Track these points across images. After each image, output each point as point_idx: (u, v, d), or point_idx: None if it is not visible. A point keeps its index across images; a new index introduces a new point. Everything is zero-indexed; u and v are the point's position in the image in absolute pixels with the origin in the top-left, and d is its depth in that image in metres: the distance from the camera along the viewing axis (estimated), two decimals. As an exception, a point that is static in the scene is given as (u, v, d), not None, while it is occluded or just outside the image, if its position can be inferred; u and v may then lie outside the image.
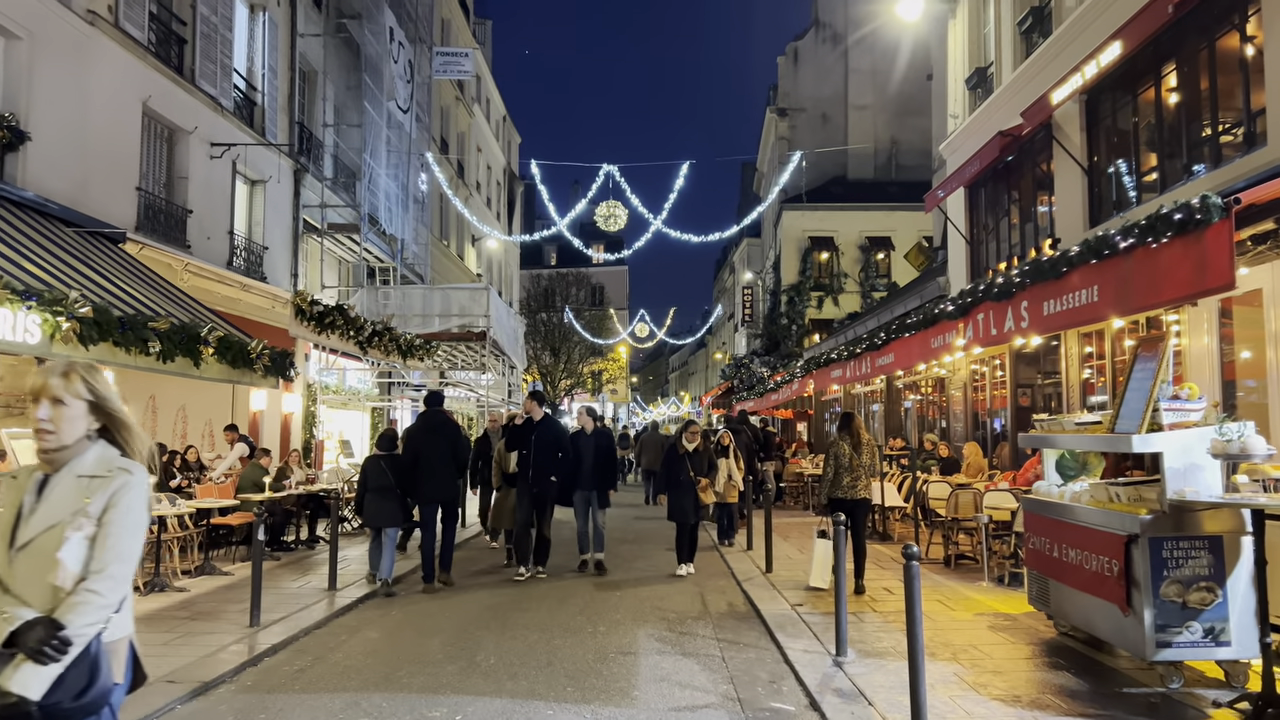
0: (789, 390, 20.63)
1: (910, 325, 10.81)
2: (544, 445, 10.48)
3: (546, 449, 10.48)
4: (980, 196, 15.74)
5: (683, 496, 10.81)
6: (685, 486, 10.77)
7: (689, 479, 10.79)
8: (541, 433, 10.55)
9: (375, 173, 20.57)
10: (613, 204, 19.97)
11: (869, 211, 41.05)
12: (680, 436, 11.20)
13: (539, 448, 10.46)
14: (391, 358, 15.84)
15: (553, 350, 55.24)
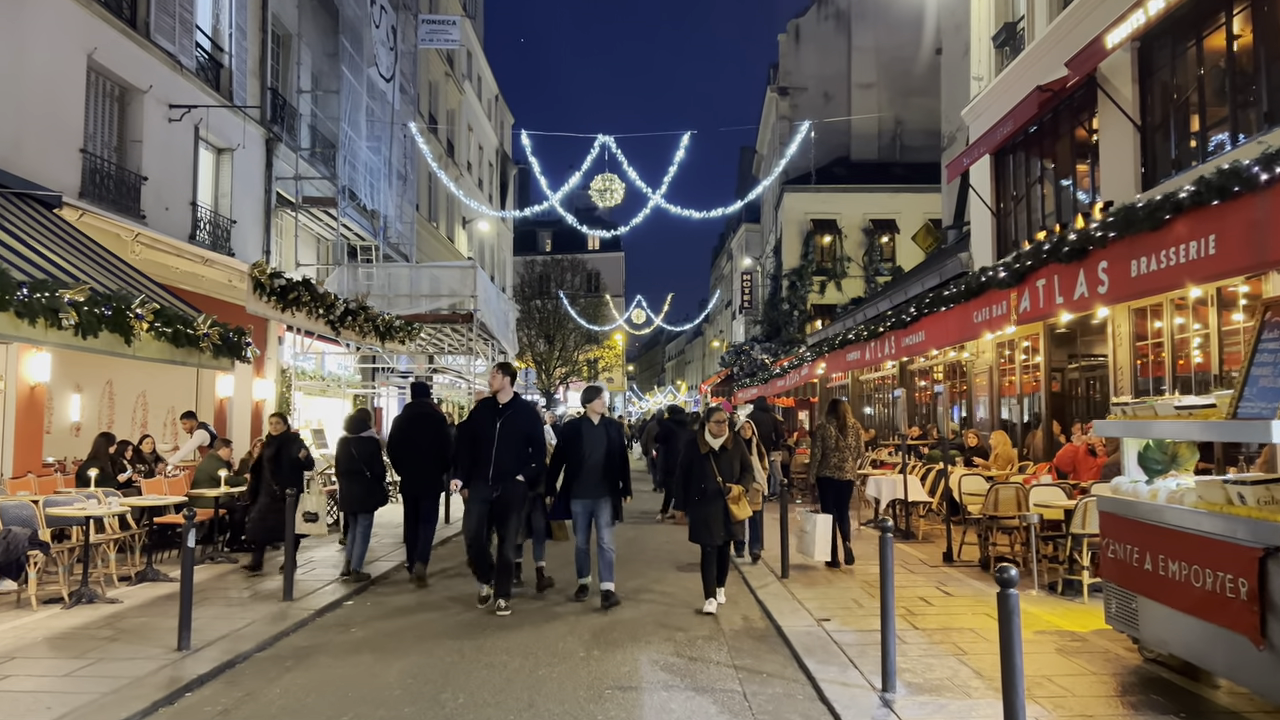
0: (796, 375, 19.43)
1: (948, 298, 9.58)
2: (511, 435, 7.97)
3: (514, 440, 7.98)
4: (1008, 164, 14.48)
5: (708, 510, 7.84)
6: (711, 496, 7.84)
7: (716, 486, 7.83)
8: (511, 418, 8.02)
9: (354, 144, 19.26)
10: (608, 177, 18.70)
11: (873, 193, 39.80)
12: (702, 430, 8.15)
13: (505, 437, 7.93)
14: (368, 340, 14.57)
15: (547, 338, 53.96)
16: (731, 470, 7.93)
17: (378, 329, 14.49)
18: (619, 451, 8.48)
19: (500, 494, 7.93)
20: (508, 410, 8.10)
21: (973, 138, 15.17)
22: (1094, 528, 8.01)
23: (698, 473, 7.91)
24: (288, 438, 10.13)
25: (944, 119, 31.14)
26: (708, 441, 7.94)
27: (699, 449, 7.97)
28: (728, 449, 7.95)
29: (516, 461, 7.99)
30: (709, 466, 7.87)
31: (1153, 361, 10.02)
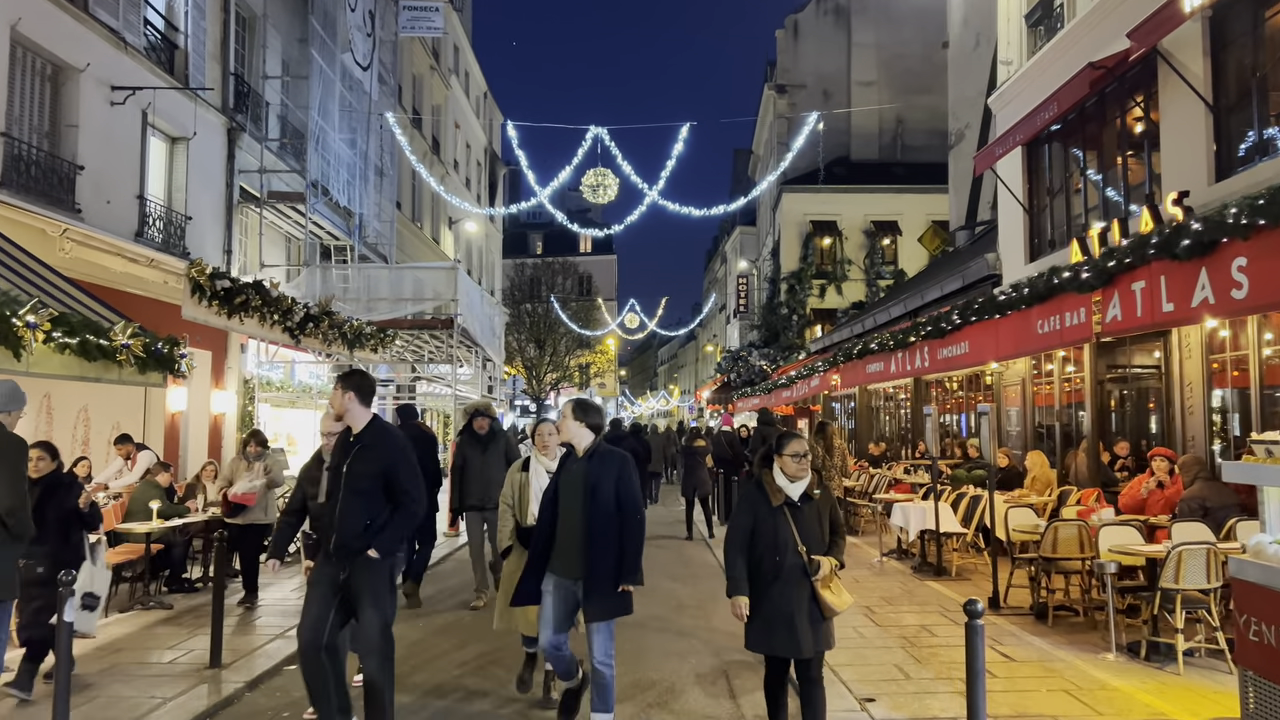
0: (805, 386, 18.09)
1: (1003, 303, 8.21)
2: (361, 483, 5.12)
3: (363, 492, 5.13)
4: (1043, 155, 13.14)
5: (784, 600, 4.71)
6: (788, 577, 4.71)
7: (797, 561, 4.72)
8: (363, 457, 5.16)
9: (327, 135, 17.82)
10: (601, 172, 17.31)
11: (874, 194, 38.52)
12: (766, 466, 5.00)
13: (352, 488, 5.12)
14: (335, 348, 13.14)
15: (538, 342, 52.53)
16: (818, 533, 4.80)
17: (345, 336, 13.05)
18: (627, 505, 5.26)
19: (350, 576, 5.06)
20: (359, 445, 5.14)
21: (1000, 127, 13.83)
22: (1191, 582, 6.64)
23: (766, 539, 4.71)
24: (56, 481, 6.69)
25: (951, 115, 29.87)
26: (780, 487, 4.79)
27: (765, 498, 4.78)
28: (813, 498, 4.82)
29: (366, 525, 5.07)
30: (785, 528, 4.70)
31: (1232, 377, 8.66)
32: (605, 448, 5.43)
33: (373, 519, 5.10)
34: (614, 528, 5.20)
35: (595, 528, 5.20)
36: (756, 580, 4.76)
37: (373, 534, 5.07)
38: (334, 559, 5.12)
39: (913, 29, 40.89)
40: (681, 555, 13.39)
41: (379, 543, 5.07)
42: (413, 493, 5.18)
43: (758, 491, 4.91)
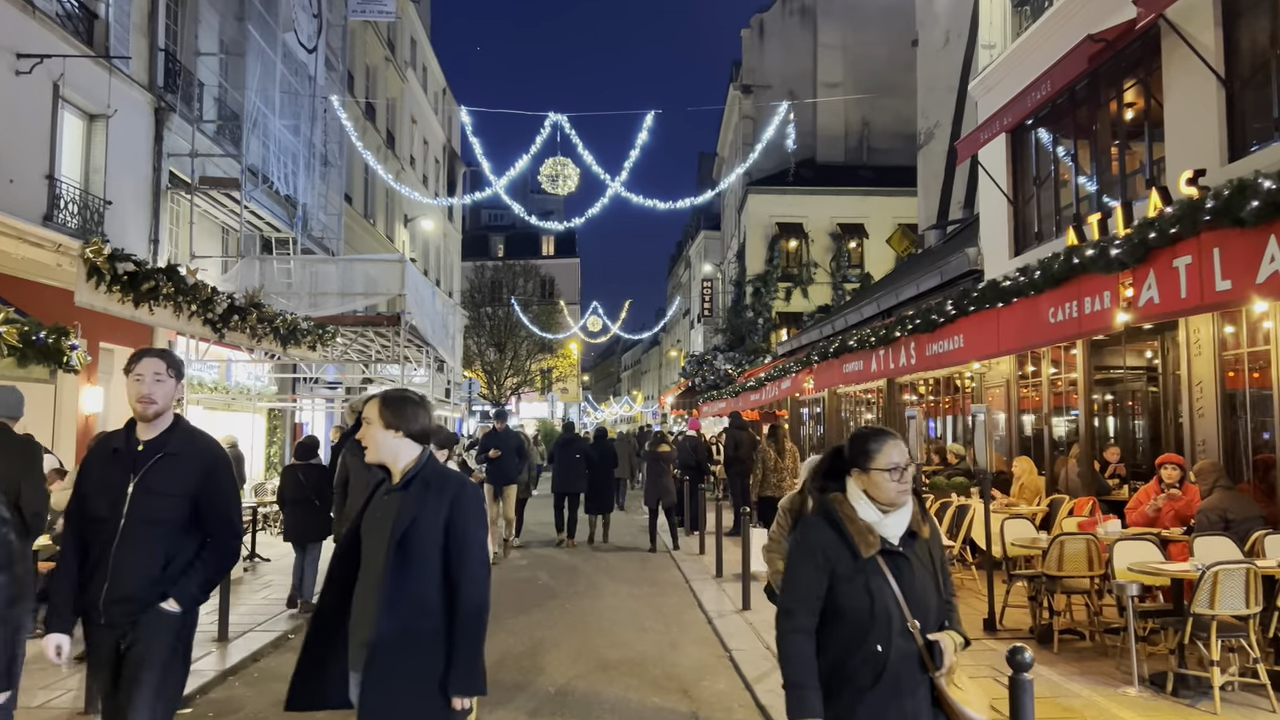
0: (774, 388, 17.23)
1: (1006, 290, 7.36)
2: (154, 509, 3.66)
3: (156, 522, 3.66)
4: (1028, 143, 12.39)
5: (898, 716, 2.86)
6: (900, 676, 2.85)
7: (909, 645, 2.86)
8: (157, 472, 3.68)
9: (266, 120, 16.65)
10: (560, 161, 16.30)
11: (841, 196, 38.00)
12: (830, 479, 3.08)
13: (141, 507, 3.65)
14: (265, 344, 12.00)
15: (498, 346, 51.31)
16: (932, 595, 2.97)
17: (277, 331, 11.92)
18: (453, 562, 3.20)
19: (133, 643, 3.60)
20: (159, 454, 3.66)
21: (984, 113, 13.06)
22: (1227, 607, 5.80)
23: (854, 613, 2.85)
24: None
25: (920, 114, 29.33)
26: (869, 524, 2.91)
27: (845, 544, 2.89)
28: (919, 535, 3.00)
29: (163, 567, 3.62)
30: (884, 593, 2.86)
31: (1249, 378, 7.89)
32: (435, 470, 3.27)
33: (171, 559, 3.62)
34: (432, 601, 3.12)
35: (398, 598, 3.09)
36: (838, 686, 2.83)
37: (171, 579, 3.60)
38: (102, 617, 3.58)
39: (879, 31, 40.46)
40: (644, 568, 12.41)
41: (180, 590, 3.60)
42: (235, 523, 3.87)
43: (830, 532, 2.89)
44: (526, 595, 10.34)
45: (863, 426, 3.33)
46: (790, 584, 2.97)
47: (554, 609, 9.52)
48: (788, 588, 2.98)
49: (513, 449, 13.24)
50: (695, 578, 11.22)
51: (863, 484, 2.95)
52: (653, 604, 9.82)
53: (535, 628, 8.56)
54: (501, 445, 13.08)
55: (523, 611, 9.39)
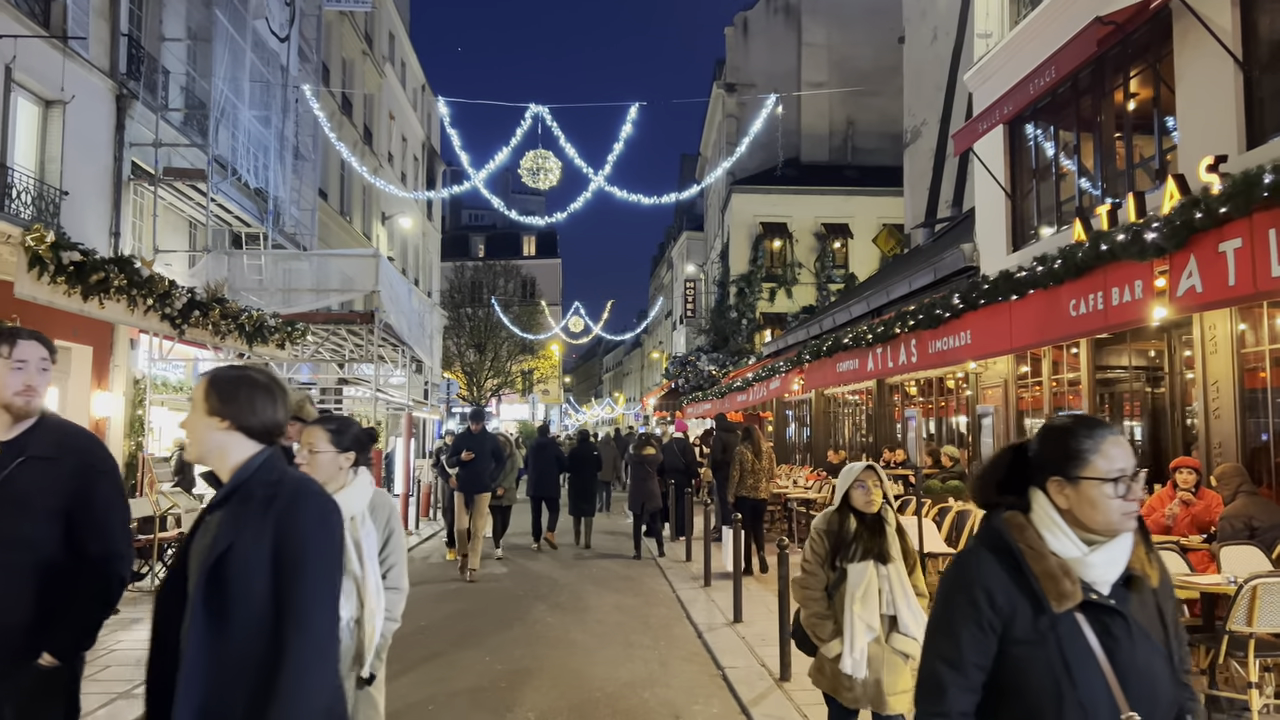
0: (762, 388, 16.75)
1: (1022, 280, 6.87)
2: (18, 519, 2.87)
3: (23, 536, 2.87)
4: (1028, 134, 11.96)
5: None
6: None
7: None
8: (22, 479, 2.89)
9: (236, 110, 16.00)
10: (541, 154, 15.74)
11: (825, 196, 37.66)
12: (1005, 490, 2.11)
13: None
14: (230, 341, 11.39)
15: (478, 347, 50.62)
16: (1159, 672, 1.97)
17: (243, 329, 11.32)
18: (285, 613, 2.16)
19: None
20: (15, 460, 2.90)
21: (980, 104, 12.62)
22: (1267, 625, 5.34)
23: (1040, 696, 1.93)
24: None
25: (907, 112, 29.02)
26: (1066, 562, 1.97)
27: (1024, 588, 1.96)
28: (1142, 581, 2.04)
29: (30, 606, 2.86)
30: (1088, 667, 1.91)
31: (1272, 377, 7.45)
32: (267, 479, 2.32)
33: (42, 594, 2.84)
34: (250, 662, 2.14)
35: (202, 669, 2.14)
36: None
37: (43, 622, 2.83)
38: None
39: (863, 30, 40.21)
40: (630, 577, 11.89)
41: (55, 637, 2.85)
42: (119, 542, 3.00)
43: (1002, 572, 1.99)
44: (505, 610, 9.79)
45: (1064, 414, 2.57)
46: (939, 645, 2.01)
47: (534, 625, 8.98)
48: (934, 650, 2.03)
49: (488, 453, 11.97)
50: (683, 586, 10.72)
51: (1064, 500, 1.99)
52: (639, 616, 9.30)
53: (513, 647, 8.01)
54: (476, 448, 11.81)
55: (501, 627, 8.85)
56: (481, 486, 11.79)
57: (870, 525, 4.23)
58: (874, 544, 4.18)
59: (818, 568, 4.29)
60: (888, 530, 4.23)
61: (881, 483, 4.27)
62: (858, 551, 4.19)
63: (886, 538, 4.21)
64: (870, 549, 4.18)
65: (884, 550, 4.17)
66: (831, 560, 4.26)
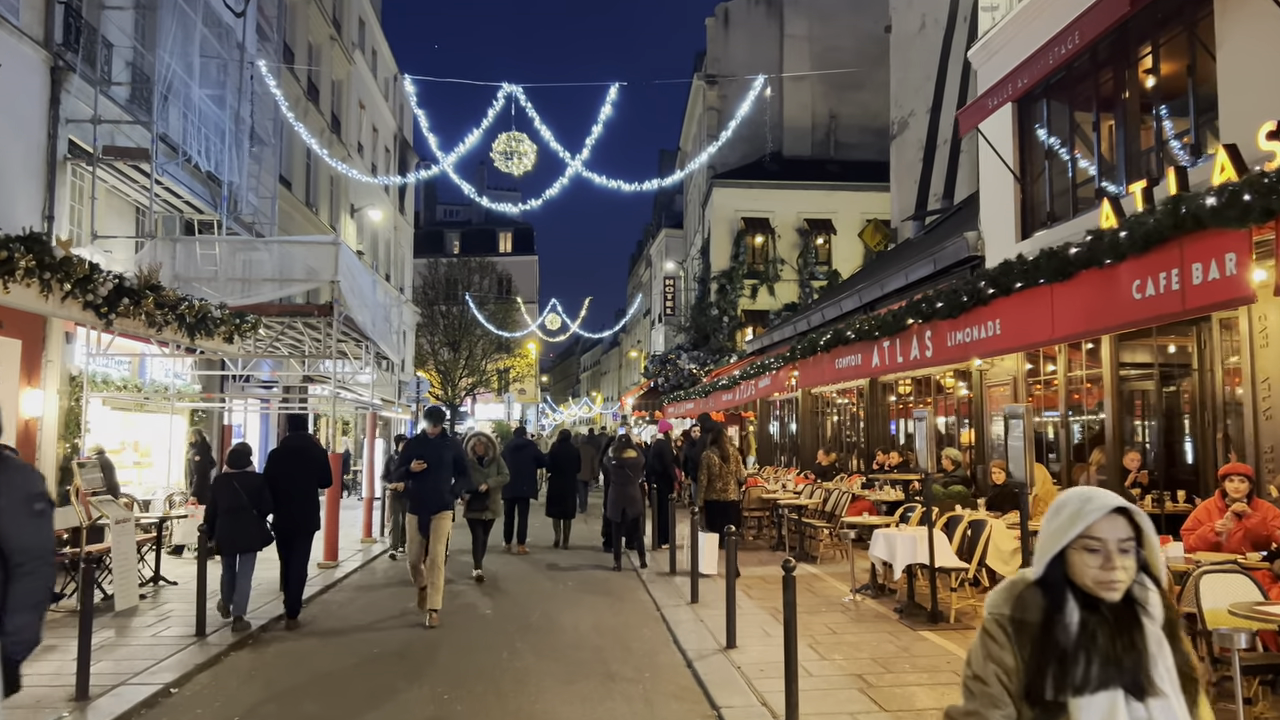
0: (751, 387, 15.85)
1: (1071, 259, 5.97)
2: None
3: None
4: (1040, 112, 11.11)
5: None
6: None
7: None
8: None
9: (186, 87, 14.87)
10: (515, 137, 14.70)
11: (808, 191, 36.91)
12: None
13: None
14: (168, 333, 10.32)
15: (452, 345, 49.43)
16: None
17: (183, 320, 10.24)
18: None
19: None
20: None
21: (985, 82, 11.76)
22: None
23: None
24: None
25: (894, 103, 28.24)
26: None
27: None
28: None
29: None
30: None
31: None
32: None
33: None
34: None
35: None
36: None
37: None
38: None
39: (847, 22, 39.50)
40: (609, 592, 10.92)
41: None
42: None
43: None
44: (469, 631, 8.80)
45: None
46: None
47: (500, 652, 7.99)
48: None
49: (447, 462, 9.17)
50: (668, 603, 9.76)
51: None
52: (620, 640, 8.33)
53: (475, 681, 7.02)
54: (430, 457, 9.01)
55: (463, 654, 7.86)
56: (439, 504, 9.10)
57: (1115, 618, 2.07)
58: (1123, 654, 2.05)
59: (996, 705, 2.07)
60: (1146, 628, 2.08)
61: (1144, 538, 2.09)
62: (1091, 671, 2.03)
63: (1144, 644, 2.07)
64: (1116, 665, 2.04)
65: (1141, 669, 2.05)
66: (1034, 688, 2.05)
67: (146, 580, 10.97)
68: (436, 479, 9.02)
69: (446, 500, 9.11)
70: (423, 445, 9.26)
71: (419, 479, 9.01)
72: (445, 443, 9.60)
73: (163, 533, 11.65)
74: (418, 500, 9.10)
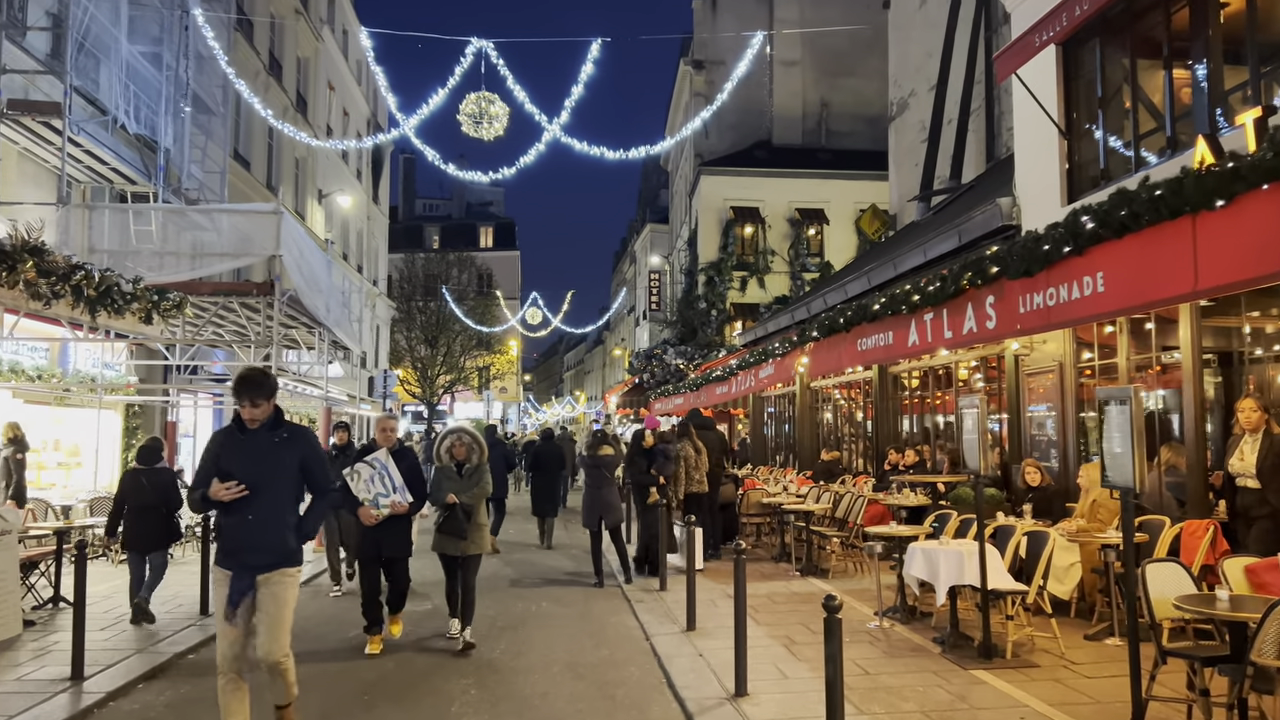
0: (750, 378, 14.29)
1: (1242, 176, 4.39)
2: None
3: None
4: (1091, 58, 9.57)
5: None
6: None
7: None
8: None
9: (110, 39, 13.15)
10: (486, 97, 13.01)
11: (799, 179, 35.42)
12: None
13: None
14: (62, 309, 8.63)
15: (429, 341, 47.69)
16: None
17: (79, 292, 8.55)
18: None
19: None
20: None
21: (1021, 26, 10.21)
22: None
23: None
24: None
25: (892, 83, 26.74)
26: None
27: None
28: None
29: None
30: None
31: None
32: None
33: None
34: None
35: None
36: None
37: None
38: None
39: (838, 6, 38.03)
40: (589, 616, 9.30)
41: None
42: None
43: None
44: (414, 671, 7.18)
45: None
46: None
47: (450, 704, 6.36)
48: None
49: (287, 475, 5.00)
50: (659, 630, 8.15)
51: None
52: (601, 686, 6.71)
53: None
54: (252, 468, 4.89)
55: (402, 703, 6.23)
56: (272, 554, 4.88)
57: None
58: None
59: None
60: None
61: None
62: None
63: None
64: None
65: None
66: None
67: (45, 602, 9.32)
68: (267, 509, 4.85)
69: (287, 546, 4.93)
70: (238, 448, 4.91)
71: (230, 511, 4.84)
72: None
73: (64, 545, 9.97)
74: (230, 547, 4.89)
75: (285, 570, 4.88)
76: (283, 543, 4.87)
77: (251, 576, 4.79)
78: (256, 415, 4.87)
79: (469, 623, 7.68)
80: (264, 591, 4.81)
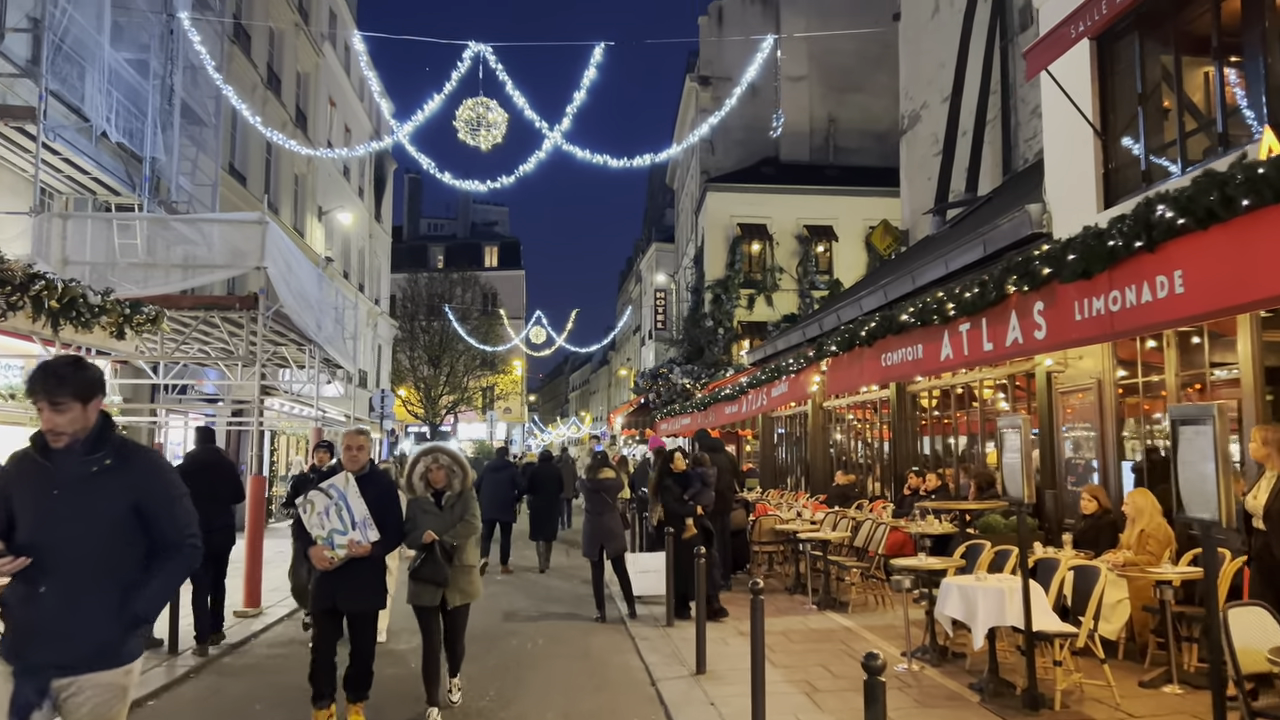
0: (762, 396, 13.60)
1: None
2: None
3: None
4: (1122, 51, 8.94)
5: None
6: None
7: None
8: None
9: (92, 43, 12.60)
10: (484, 102, 12.44)
11: (807, 196, 34.88)
12: None
13: None
14: (20, 321, 7.98)
15: (433, 361, 47.12)
16: None
17: (39, 303, 7.91)
18: None
19: None
20: None
21: (1049, 21, 9.58)
22: None
23: None
24: None
25: (903, 95, 26.21)
26: None
27: None
28: None
29: None
30: None
31: None
32: None
33: None
34: None
35: None
36: None
37: None
38: None
39: (845, 22, 37.59)
40: (589, 655, 8.58)
41: None
42: None
43: None
44: (397, 717, 6.47)
45: None
46: None
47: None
48: None
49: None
50: (666, 674, 7.43)
51: None
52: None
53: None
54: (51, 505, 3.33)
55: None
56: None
57: None
58: None
59: None
60: None
61: None
62: None
63: None
64: None
65: None
66: None
67: None
68: (72, 576, 3.22)
69: (106, 636, 3.26)
70: (29, 480, 3.30)
71: (16, 579, 3.22)
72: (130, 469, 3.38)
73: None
74: (11, 635, 3.28)
75: (101, 674, 3.18)
76: (95, 629, 3.17)
77: (44, 681, 3.14)
78: (59, 425, 3.15)
79: (457, 673, 6.71)
80: (68, 706, 3.17)
